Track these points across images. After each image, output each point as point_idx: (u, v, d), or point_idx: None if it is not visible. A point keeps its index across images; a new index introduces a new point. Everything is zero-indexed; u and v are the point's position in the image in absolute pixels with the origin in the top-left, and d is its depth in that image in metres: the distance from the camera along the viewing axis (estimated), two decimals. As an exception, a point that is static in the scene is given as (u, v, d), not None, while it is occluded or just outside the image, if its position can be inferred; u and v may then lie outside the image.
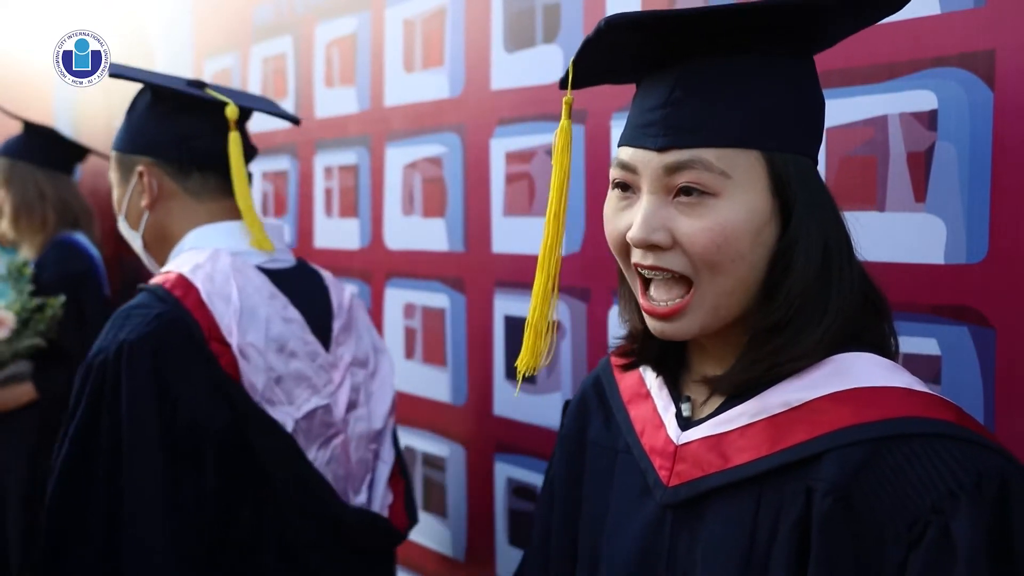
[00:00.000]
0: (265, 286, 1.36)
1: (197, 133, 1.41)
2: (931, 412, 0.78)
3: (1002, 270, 1.00)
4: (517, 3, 1.62)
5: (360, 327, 1.52)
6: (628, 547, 0.91)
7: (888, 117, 1.08)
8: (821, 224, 0.83)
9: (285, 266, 1.45)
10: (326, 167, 2.15)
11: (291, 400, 1.33)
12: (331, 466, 1.37)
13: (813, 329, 0.82)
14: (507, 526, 1.70)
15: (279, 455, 1.30)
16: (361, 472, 1.44)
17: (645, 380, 0.98)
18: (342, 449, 1.39)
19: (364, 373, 1.48)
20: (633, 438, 0.95)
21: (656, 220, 0.82)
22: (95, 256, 2.73)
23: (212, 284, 1.30)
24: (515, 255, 1.65)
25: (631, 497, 0.94)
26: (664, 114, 0.83)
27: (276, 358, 1.32)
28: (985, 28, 1.00)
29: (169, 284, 1.30)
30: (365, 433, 1.44)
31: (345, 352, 1.44)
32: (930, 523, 0.72)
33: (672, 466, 0.88)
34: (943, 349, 1.05)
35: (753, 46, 0.82)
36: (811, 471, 0.78)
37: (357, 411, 1.44)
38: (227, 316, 1.29)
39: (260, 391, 1.29)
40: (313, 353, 1.38)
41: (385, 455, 1.48)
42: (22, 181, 2.65)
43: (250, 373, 1.28)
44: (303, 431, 1.33)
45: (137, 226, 1.44)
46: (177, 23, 2.73)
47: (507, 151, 1.66)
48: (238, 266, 1.35)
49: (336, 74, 2.09)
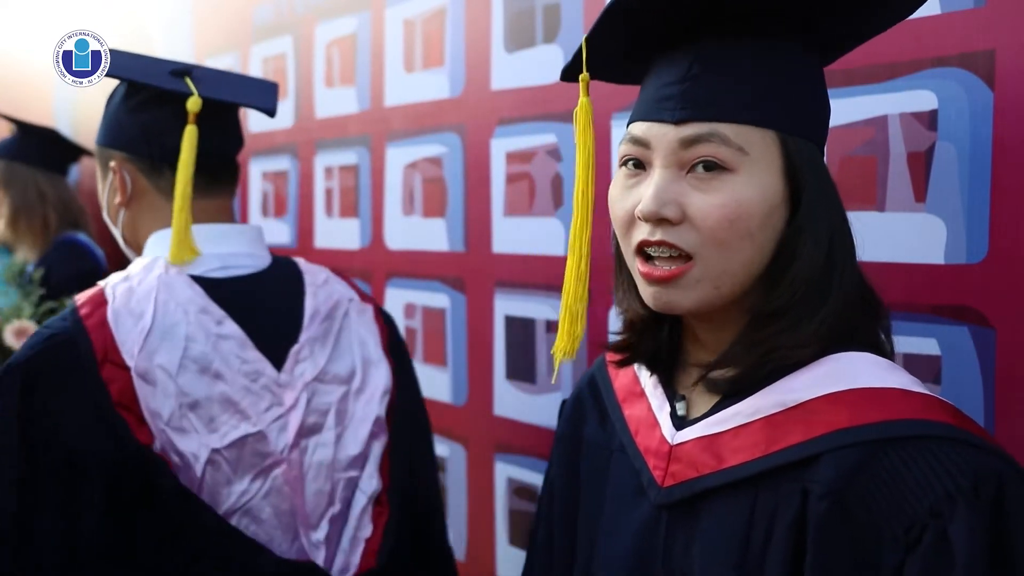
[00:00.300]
0: (196, 300, 1.22)
1: (168, 128, 1.28)
2: (928, 414, 0.77)
3: (1002, 270, 1.00)
4: (517, 3, 1.62)
5: (347, 338, 1.34)
6: (624, 547, 0.91)
7: (888, 117, 1.09)
8: (829, 213, 0.83)
9: (245, 272, 1.30)
10: (326, 167, 2.15)
11: (213, 427, 1.17)
12: (270, 499, 1.20)
13: (812, 318, 0.82)
14: (507, 526, 1.70)
15: (169, 498, 1.14)
16: (320, 504, 1.25)
17: (640, 379, 0.98)
18: (286, 480, 1.21)
19: (341, 391, 1.29)
20: (627, 437, 0.95)
21: (668, 194, 0.81)
22: (100, 256, 2.74)
23: (128, 300, 1.20)
24: (515, 255, 1.65)
25: (626, 497, 0.93)
26: (683, 88, 0.82)
27: (195, 381, 1.17)
28: (985, 28, 1.00)
29: (82, 300, 1.22)
30: (328, 460, 1.26)
31: (306, 368, 1.27)
32: (927, 527, 0.71)
33: (667, 466, 0.88)
34: (943, 349, 1.05)
35: (767, 32, 0.83)
36: (807, 473, 0.78)
37: (320, 436, 1.26)
38: (132, 336, 1.16)
39: (165, 419, 1.14)
40: (253, 372, 1.22)
41: (365, 484, 1.28)
42: (22, 183, 2.65)
43: (151, 399, 1.14)
44: (228, 461, 1.17)
45: (116, 222, 1.37)
46: (177, 23, 2.73)
47: (507, 151, 1.66)
48: (167, 279, 1.23)
49: (336, 74, 2.09)
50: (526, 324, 1.63)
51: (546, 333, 1.59)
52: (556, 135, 1.55)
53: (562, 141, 1.54)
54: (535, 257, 1.61)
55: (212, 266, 1.28)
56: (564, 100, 1.53)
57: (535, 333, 1.61)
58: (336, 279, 1.40)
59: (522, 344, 1.64)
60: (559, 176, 1.55)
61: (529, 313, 1.63)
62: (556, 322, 0.93)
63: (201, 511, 1.15)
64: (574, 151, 1.51)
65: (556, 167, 1.55)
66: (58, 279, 2.49)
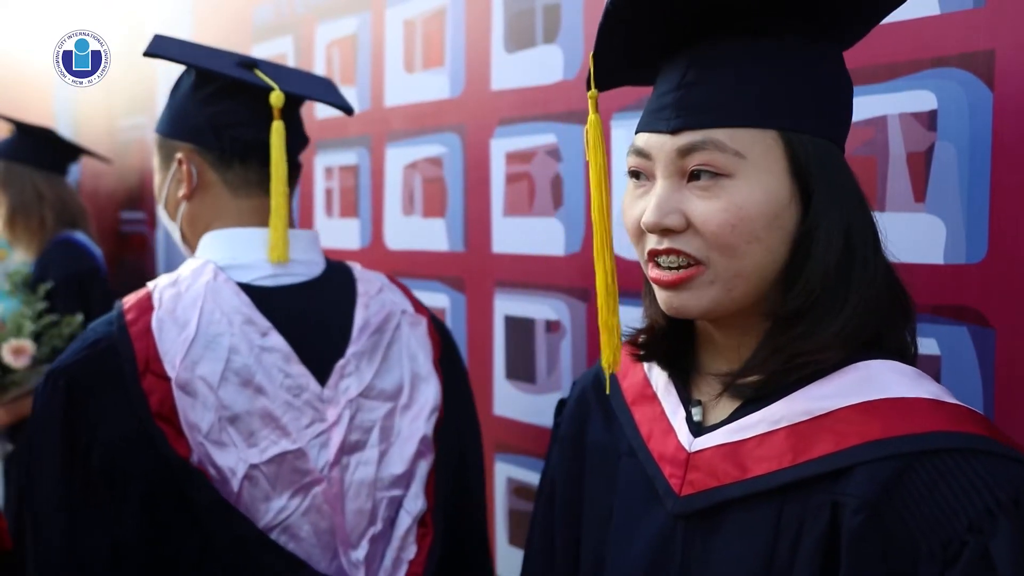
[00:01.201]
0: (242, 309, 1.19)
1: (241, 120, 1.26)
2: (963, 426, 0.75)
3: (1002, 270, 1.00)
4: (517, 3, 1.62)
5: (397, 352, 1.30)
6: (638, 558, 0.88)
7: (888, 117, 1.08)
8: (843, 210, 0.81)
9: (298, 280, 1.27)
10: (326, 167, 2.15)
11: (252, 442, 1.15)
12: (309, 517, 1.18)
13: (833, 318, 0.80)
14: (507, 526, 1.70)
15: (206, 511, 1.13)
16: (361, 524, 1.22)
17: (651, 381, 0.96)
18: (326, 499, 1.19)
19: (387, 408, 1.26)
20: (639, 441, 0.92)
21: (669, 204, 0.80)
22: (98, 255, 2.74)
23: (174, 307, 1.18)
24: (515, 255, 1.65)
25: (637, 504, 0.91)
26: (677, 96, 0.82)
27: (235, 394, 1.15)
28: (985, 28, 1.00)
29: (129, 304, 1.20)
30: (370, 479, 1.22)
31: (351, 384, 1.23)
32: (967, 543, 0.69)
33: (684, 474, 0.85)
34: (943, 349, 1.05)
35: (768, 28, 0.81)
36: (837, 485, 0.76)
37: (362, 453, 1.23)
38: (175, 346, 1.14)
39: (204, 432, 1.13)
40: (296, 387, 1.19)
41: (410, 504, 1.25)
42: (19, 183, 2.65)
43: (190, 411, 1.12)
44: (266, 477, 1.15)
45: (175, 216, 1.32)
46: (177, 23, 2.73)
47: (507, 151, 1.66)
48: (215, 286, 1.20)
49: (336, 74, 2.09)
50: (526, 324, 1.63)
51: (546, 333, 1.60)
52: (556, 135, 1.55)
53: (562, 141, 1.54)
54: (535, 257, 1.61)
55: (263, 273, 1.25)
56: (564, 100, 1.53)
57: (535, 333, 1.61)
58: (391, 287, 1.36)
59: (522, 344, 1.64)
60: (559, 176, 1.55)
61: (529, 313, 1.63)
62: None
63: (240, 524, 1.14)
64: (574, 151, 1.52)
65: (556, 167, 1.55)
66: (55, 278, 2.49)
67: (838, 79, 0.86)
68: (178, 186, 1.29)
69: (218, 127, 1.27)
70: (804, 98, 0.81)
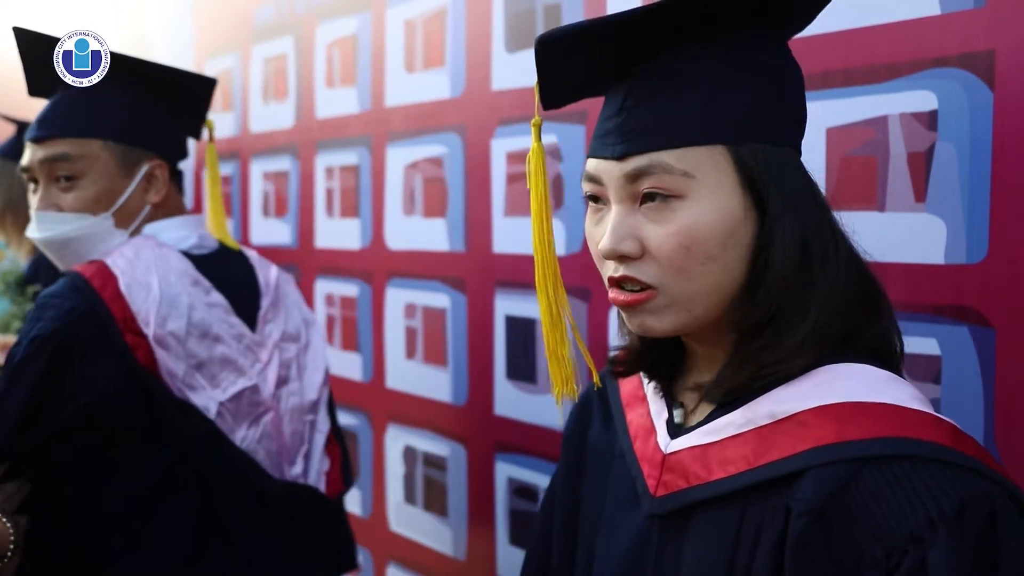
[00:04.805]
0: (188, 273, 1.38)
1: (182, 130, 1.49)
2: (920, 432, 0.73)
3: (1002, 270, 1.00)
4: (518, 4, 1.62)
5: (289, 303, 1.55)
6: (618, 556, 0.90)
7: (888, 117, 1.09)
8: (799, 216, 0.79)
9: (210, 251, 1.48)
10: (327, 167, 2.15)
11: (216, 384, 1.36)
12: (263, 443, 1.41)
13: (796, 327, 0.78)
14: (507, 526, 1.70)
15: (201, 440, 1.33)
16: (296, 444, 1.48)
17: (643, 383, 0.97)
18: (273, 425, 1.43)
19: (296, 347, 1.52)
20: (627, 443, 0.93)
21: (624, 229, 0.79)
22: None
23: (132, 273, 1.32)
24: (516, 255, 1.66)
25: (622, 504, 0.92)
26: (619, 121, 0.80)
27: (198, 344, 1.34)
28: (985, 28, 1.01)
29: (89, 273, 1.30)
30: (298, 406, 1.49)
31: (273, 329, 1.48)
32: (907, 552, 0.68)
33: (659, 475, 0.86)
34: (943, 349, 1.05)
35: (702, 37, 0.79)
36: (791, 489, 0.74)
37: (289, 386, 1.48)
38: (145, 306, 1.30)
39: (180, 378, 1.31)
40: (239, 335, 1.41)
41: (320, 424, 1.53)
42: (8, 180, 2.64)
43: (168, 362, 1.30)
44: (230, 412, 1.37)
45: (126, 224, 1.41)
46: (178, 23, 2.74)
47: (508, 151, 1.66)
48: (161, 255, 1.37)
49: (337, 74, 2.10)
50: (526, 324, 1.64)
51: (546, 333, 1.59)
52: (557, 136, 1.55)
53: (562, 141, 1.54)
54: (535, 257, 1.61)
55: (192, 243, 1.45)
56: (564, 100, 1.53)
57: (535, 333, 1.61)
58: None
59: (522, 344, 1.64)
60: (559, 176, 1.55)
61: (529, 313, 1.63)
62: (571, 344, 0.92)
63: (228, 447, 1.36)
64: (574, 151, 1.52)
65: (556, 167, 1.55)
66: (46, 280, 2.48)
67: (783, 76, 0.82)
68: (144, 194, 1.44)
69: (178, 140, 1.51)
70: (748, 106, 0.78)
